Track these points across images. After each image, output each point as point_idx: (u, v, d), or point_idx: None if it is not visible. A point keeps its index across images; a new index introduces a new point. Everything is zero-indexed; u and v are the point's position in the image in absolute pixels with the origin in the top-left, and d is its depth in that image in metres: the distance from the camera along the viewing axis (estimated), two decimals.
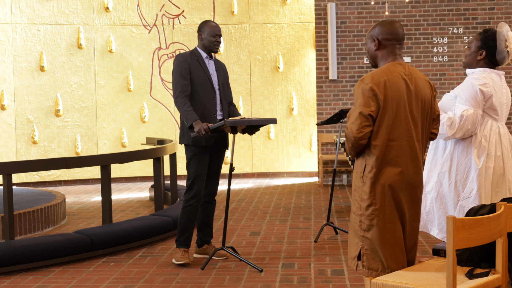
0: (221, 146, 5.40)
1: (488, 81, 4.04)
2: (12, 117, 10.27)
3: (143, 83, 10.77)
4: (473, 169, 4.02)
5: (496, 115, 4.09)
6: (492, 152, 4.03)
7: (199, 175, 5.25)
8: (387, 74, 3.34)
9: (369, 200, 3.33)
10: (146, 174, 10.76)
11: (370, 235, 3.33)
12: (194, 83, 5.23)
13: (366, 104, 3.28)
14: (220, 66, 5.46)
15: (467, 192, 4.03)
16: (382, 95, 3.28)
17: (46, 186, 10.30)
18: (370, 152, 3.33)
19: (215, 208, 5.53)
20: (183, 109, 5.13)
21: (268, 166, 10.96)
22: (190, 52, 5.35)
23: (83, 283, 4.84)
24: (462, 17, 9.80)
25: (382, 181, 3.31)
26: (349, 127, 3.31)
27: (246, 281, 4.77)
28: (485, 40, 4.12)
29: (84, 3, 10.54)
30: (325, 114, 9.96)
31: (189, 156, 5.26)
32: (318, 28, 9.98)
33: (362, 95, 3.30)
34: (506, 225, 2.98)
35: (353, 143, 3.31)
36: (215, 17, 10.82)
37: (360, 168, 3.38)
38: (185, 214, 5.27)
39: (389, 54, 3.44)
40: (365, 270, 3.36)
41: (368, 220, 3.33)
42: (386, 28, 3.43)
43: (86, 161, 6.62)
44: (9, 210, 5.73)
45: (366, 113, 3.27)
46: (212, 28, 5.29)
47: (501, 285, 3.04)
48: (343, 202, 8.27)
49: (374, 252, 3.33)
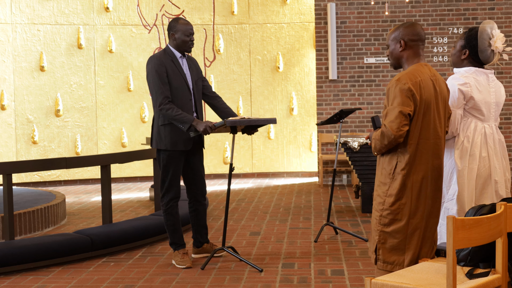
0: (198, 147, 5.32)
1: (469, 81, 3.95)
2: (12, 117, 10.27)
3: (143, 83, 10.77)
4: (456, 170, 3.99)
5: (481, 115, 4.00)
6: (477, 153, 3.96)
7: (176, 177, 5.19)
8: (420, 75, 3.45)
9: (398, 195, 3.45)
10: (146, 174, 10.76)
11: (390, 229, 3.46)
12: (172, 87, 5.08)
13: (405, 103, 3.39)
14: (193, 63, 5.31)
15: (450, 194, 4.00)
16: (418, 95, 3.41)
17: (46, 186, 10.30)
18: (403, 150, 3.45)
19: (206, 208, 5.47)
20: (173, 115, 4.97)
21: (268, 166, 10.97)
22: (164, 52, 5.16)
23: (83, 283, 4.84)
24: (462, 17, 9.80)
25: (413, 178, 3.45)
26: (389, 125, 3.40)
27: (246, 281, 4.77)
28: (468, 39, 4.05)
29: (84, 3, 10.54)
30: (325, 114, 9.97)
31: (166, 160, 5.14)
32: (318, 28, 9.98)
33: (401, 94, 3.40)
34: (506, 225, 2.99)
35: (390, 141, 3.42)
36: (215, 17, 10.83)
37: (390, 165, 3.50)
38: (169, 216, 5.24)
39: (415, 55, 3.56)
40: (380, 264, 3.50)
41: (392, 215, 3.46)
42: (410, 29, 3.54)
43: (86, 161, 6.62)
44: (9, 210, 5.73)
45: (406, 112, 3.39)
46: (185, 26, 5.12)
47: (501, 285, 3.04)
48: (343, 202, 8.27)
49: (391, 246, 3.47)
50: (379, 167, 3.57)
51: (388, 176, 3.49)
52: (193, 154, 5.29)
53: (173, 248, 5.29)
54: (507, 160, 4.12)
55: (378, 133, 3.48)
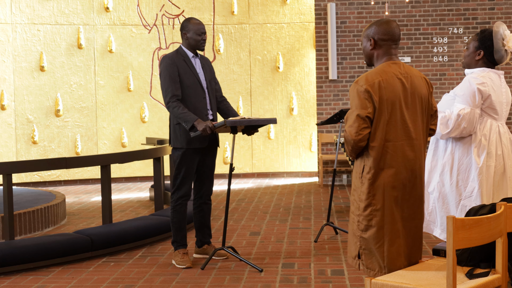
0: (213, 146, 5.36)
1: (486, 81, 4.08)
2: (12, 117, 10.27)
3: (143, 83, 10.77)
4: (474, 168, 4.06)
5: (495, 114, 4.13)
6: (493, 151, 4.07)
7: (189, 175, 5.22)
8: (381, 74, 3.33)
9: (367, 200, 3.33)
10: (146, 174, 10.76)
11: (367, 235, 3.34)
12: (184, 85, 5.15)
13: (362, 106, 3.28)
14: (206, 63, 5.38)
15: (468, 191, 4.06)
16: (377, 96, 3.28)
17: (46, 186, 10.30)
18: (368, 154, 3.33)
19: (211, 208, 5.51)
20: (178, 113, 5.04)
21: (268, 166, 10.96)
22: (176, 52, 5.25)
23: (83, 283, 4.84)
24: (462, 17, 9.80)
25: (380, 182, 3.31)
26: (348, 130, 3.32)
27: (246, 281, 4.77)
28: (482, 40, 4.18)
29: (84, 3, 10.54)
30: (325, 114, 9.97)
31: (180, 158, 5.18)
32: (318, 28, 9.98)
33: (358, 97, 3.30)
34: (506, 225, 2.99)
35: (352, 145, 3.32)
36: (215, 17, 10.83)
37: (358, 169, 3.39)
38: (176, 213, 5.25)
39: (384, 54, 3.43)
40: (364, 269, 3.39)
41: (366, 221, 3.34)
42: (382, 28, 3.42)
43: (86, 161, 6.62)
44: (9, 210, 5.73)
45: (364, 115, 3.27)
46: (197, 26, 5.23)
47: (501, 285, 3.04)
48: (343, 202, 8.27)
49: (371, 252, 3.35)
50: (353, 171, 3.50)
51: (359, 180, 3.37)
52: (208, 153, 5.33)
53: (174, 247, 5.29)
54: None
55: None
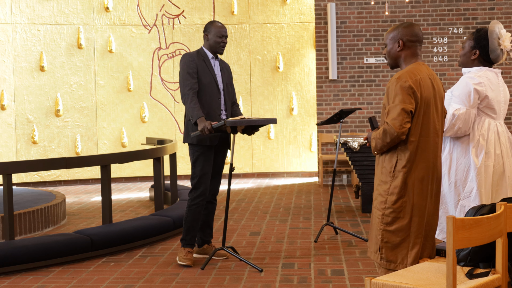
0: (224, 146, 5.41)
1: (483, 80, 4.06)
2: (12, 117, 10.27)
3: (143, 83, 10.77)
4: (472, 168, 4.04)
5: (493, 113, 4.12)
6: (491, 150, 4.05)
7: (206, 173, 5.25)
8: (419, 73, 3.49)
9: (400, 193, 3.46)
10: (146, 174, 10.76)
11: (393, 228, 3.48)
12: (201, 83, 5.23)
13: (407, 100, 3.42)
14: (225, 67, 5.49)
15: (467, 192, 4.05)
16: (419, 93, 3.44)
17: (46, 186, 10.30)
18: (404, 148, 3.47)
19: (215, 208, 5.53)
20: (189, 105, 5.11)
21: (268, 166, 10.96)
22: (197, 52, 5.35)
23: (83, 283, 4.84)
24: (462, 17, 9.80)
25: (414, 175, 3.47)
26: (391, 123, 3.42)
27: (246, 281, 4.77)
28: (478, 39, 4.17)
29: (84, 3, 10.54)
30: (325, 114, 9.96)
31: (196, 156, 5.24)
32: (318, 28, 9.98)
33: (402, 92, 3.42)
34: (506, 225, 2.99)
35: (393, 138, 3.43)
36: (215, 17, 10.82)
37: (390, 163, 3.51)
38: (191, 212, 5.27)
39: (413, 55, 3.60)
40: (383, 262, 3.51)
41: (395, 213, 3.47)
42: (409, 30, 3.58)
43: (86, 161, 6.62)
44: (9, 210, 5.73)
45: (408, 109, 3.42)
46: (218, 29, 5.30)
47: (501, 285, 3.04)
48: (343, 202, 8.27)
49: (394, 245, 3.48)
50: (378, 166, 3.59)
51: (389, 175, 3.50)
52: (218, 153, 5.37)
53: (182, 244, 5.31)
54: None
55: (379, 132, 3.49)
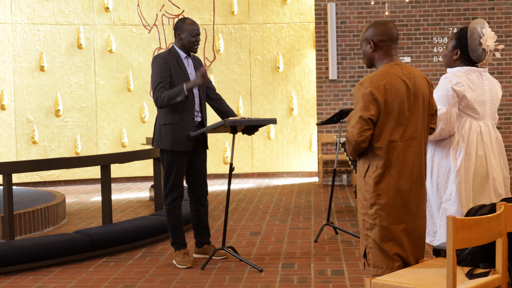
0: (201, 148, 5.33)
1: (461, 80, 3.94)
2: (12, 117, 10.27)
3: (143, 83, 10.77)
4: (452, 170, 3.96)
5: (475, 113, 3.99)
6: (473, 152, 3.94)
7: (179, 177, 5.19)
8: (386, 77, 3.35)
9: (372, 199, 3.36)
10: (146, 174, 10.76)
11: (373, 234, 3.36)
12: (174, 86, 5.08)
13: (366, 108, 3.31)
14: (198, 63, 5.33)
15: (448, 194, 3.98)
16: (382, 98, 3.30)
17: (46, 186, 10.30)
18: (373, 153, 3.35)
19: (207, 209, 5.48)
20: (165, 94, 4.97)
21: (268, 166, 10.96)
22: (168, 52, 5.19)
23: (83, 283, 4.84)
24: (462, 17, 9.80)
25: (385, 181, 3.33)
26: (350, 131, 3.35)
27: (246, 281, 4.77)
28: (459, 39, 4.06)
29: (84, 3, 10.54)
30: (325, 114, 9.96)
31: (169, 160, 5.15)
32: (318, 28, 9.98)
33: (362, 99, 3.32)
34: (506, 225, 2.98)
35: (354, 146, 3.35)
36: (215, 17, 10.83)
37: (362, 168, 3.41)
38: (172, 216, 5.23)
39: (386, 55, 3.45)
40: (371, 268, 3.40)
41: (371, 219, 3.37)
42: (380, 29, 3.43)
43: (86, 161, 6.62)
44: (9, 210, 5.73)
45: (366, 117, 3.30)
46: (191, 27, 5.13)
47: (501, 285, 3.04)
48: (343, 202, 8.27)
49: (378, 251, 3.37)
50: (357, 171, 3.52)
51: (363, 180, 3.40)
52: (195, 155, 5.30)
53: (174, 248, 5.29)
54: (505, 158, 4.10)
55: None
